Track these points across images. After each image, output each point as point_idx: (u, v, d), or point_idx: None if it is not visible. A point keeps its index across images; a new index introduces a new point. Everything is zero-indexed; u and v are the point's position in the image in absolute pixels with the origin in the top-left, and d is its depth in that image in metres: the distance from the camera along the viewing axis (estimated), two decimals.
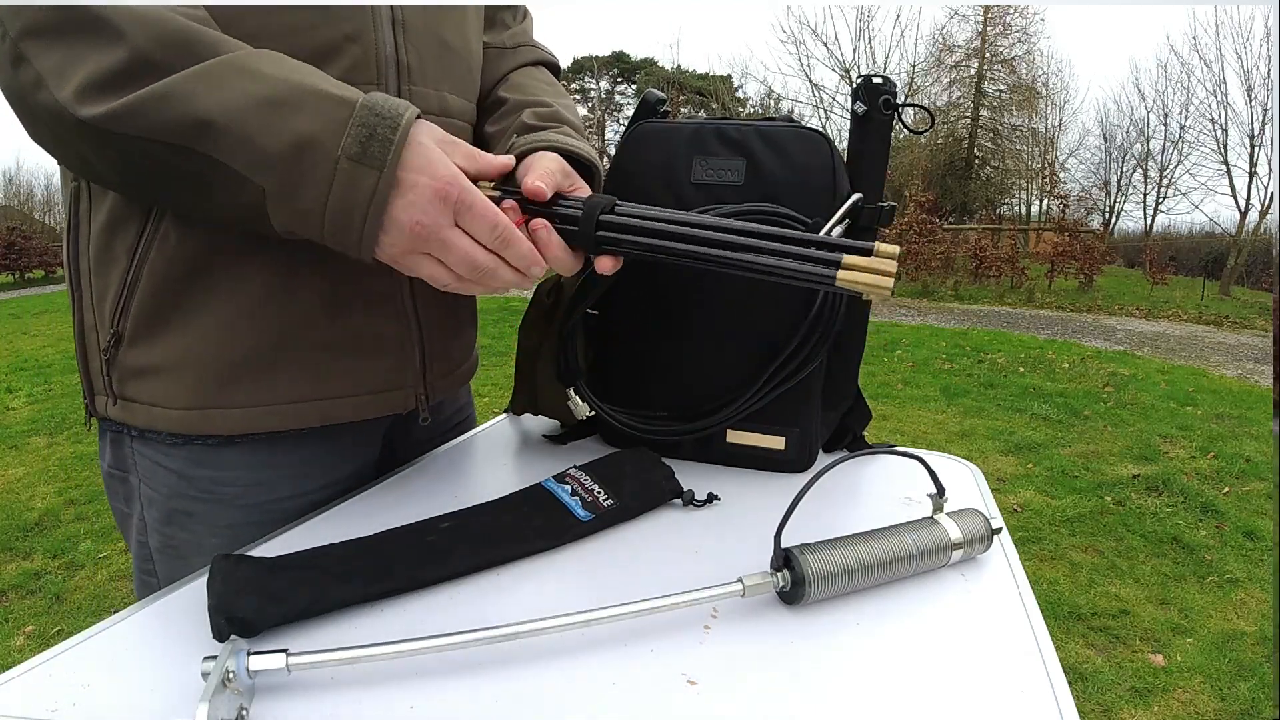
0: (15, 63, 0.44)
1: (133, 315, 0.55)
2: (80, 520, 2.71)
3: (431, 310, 0.65)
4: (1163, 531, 2.63)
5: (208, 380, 0.55)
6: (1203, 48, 18.87)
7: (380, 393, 0.62)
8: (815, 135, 0.64)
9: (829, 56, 18.11)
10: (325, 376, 0.59)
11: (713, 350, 0.66)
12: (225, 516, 0.59)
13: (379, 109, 0.45)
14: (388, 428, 0.69)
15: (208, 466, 0.58)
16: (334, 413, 0.60)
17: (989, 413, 4.14)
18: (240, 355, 0.55)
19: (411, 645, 0.37)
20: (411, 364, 0.64)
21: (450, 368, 0.70)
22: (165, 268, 0.53)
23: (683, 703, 0.37)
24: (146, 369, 0.56)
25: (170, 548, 0.60)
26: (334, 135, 0.44)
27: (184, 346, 0.55)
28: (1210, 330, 7.67)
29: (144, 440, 0.58)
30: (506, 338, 5.87)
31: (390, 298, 0.61)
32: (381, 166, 0.44)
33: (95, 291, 0.56)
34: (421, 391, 0.66)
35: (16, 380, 4.84)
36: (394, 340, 0.62)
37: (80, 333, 0.58)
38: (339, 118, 0.44)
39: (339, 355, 0.59)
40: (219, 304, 0.55)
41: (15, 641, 1.99)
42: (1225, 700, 1.75)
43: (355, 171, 0.44)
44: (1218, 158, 14.02)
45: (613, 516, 0.55)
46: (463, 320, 0.72)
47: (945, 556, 0.49)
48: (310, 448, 0.61)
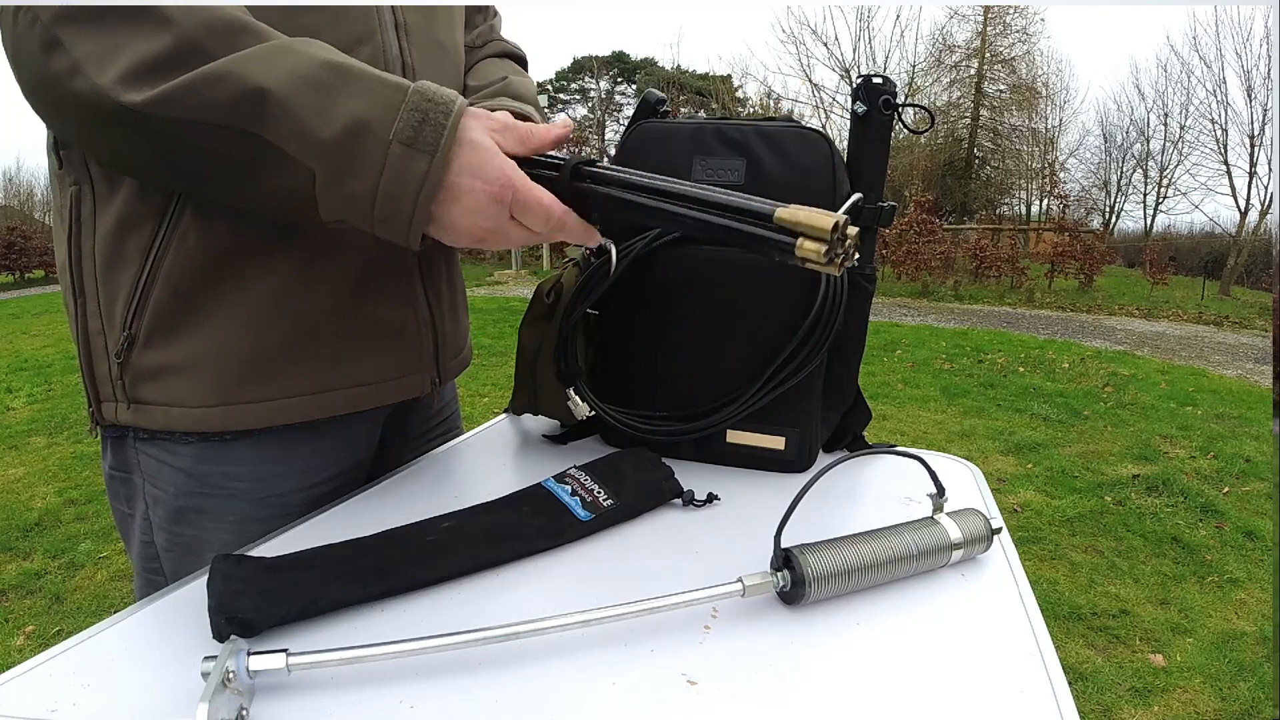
0: (48, 48, 0.43)
1: (149, 316, 0.54)
2: (80, 520, 2.71)
3: (439, 291, 0.67)
4: (1163, 531, 2.63)
5: (231, 376, 0.56)
6: (1203, 48, 18.92)
7: (399, 378, 0.64)
8: (815, 135, 0.64)
9: (829, 56, 18.11)
10: (349, 366, 0.60)
11: (713, 350, 0.66)
12: (234, 510, 0.60)
13: (431, 95, 0.45)
14: (384, 420, 0.70)
15: (217, 462, 0.58)
16: (358, 400, 0.61)
17: (989, 413, 4.14)
18: (264, 349, 0.56)
19: (411, 645, 0.37)
20: (427, 348, 0.66)
21: (457, 350, 0.73)
22: (184, 266, 0.53)
23: (683, 703, 0.37)
24: (164, 369, 0.55)
25: (178, 545, 0.60)
26: (387, 119, 0.43)
27: (204, 344, 0.55)
28: (1210, 330, 7.66)
29: (151, 441, 0.58)
30: (506, 338, 5.87)
31: (406, 287, 0.63)
32: (434, 152, 0.44)
33: (103, 295, 0.55)
34: (435, 374, 0.68)
35: (16, 380, 4.84)
36: (410, 327, 0.64)
37: (84, 339, 0.57)
38: (392, 102, 0.44)
39: (360, 344, 0.60)
40: (240, 300, 0.55)
41: (15, 641, 1.99)
42: (1225, 700, 1.75)
43: (407, 156, 0.43)
44: (1218, 158, 14.03)
45: (613, 516, 0.55)
46: (460, 300, 0.75)
47: (945, 556, 0.49)
48: (318, 439, 0.62)
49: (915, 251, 9.97)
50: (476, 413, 4.02)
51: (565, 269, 0.74)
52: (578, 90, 22.91)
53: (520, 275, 11.15)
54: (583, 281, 0.66)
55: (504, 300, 8.23)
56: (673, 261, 0.64)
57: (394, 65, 0.58)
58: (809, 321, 0.62)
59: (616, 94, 23.31)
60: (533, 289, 0.75)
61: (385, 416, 0.70)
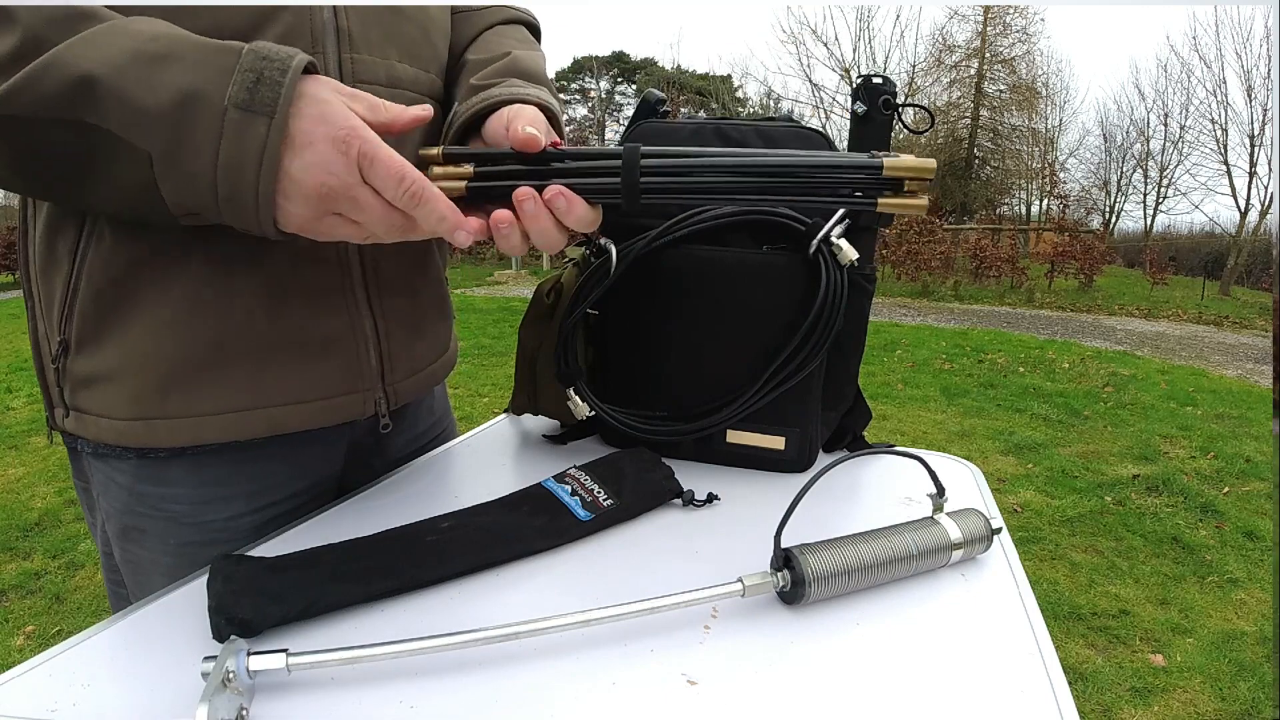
0: None
1: (77, 320, 0.52)
2: (80, 520, 2.70)
3: (392, 302, 0.60)
4: (1163, 531, 2.63)
5: (149, 388, 0.52)
6: (1203, 48, 18.92)
7: (332, 398, 0.58)
8: (815, 135, 0.64)
9: (829, 56, 18.11)
10: (270, 381, 0.55)
11: (712, 350, 0.66)
12: (176, 535, 0.57)
13: (266, 53, 0.41)
14: (356, 441, 0.66)
15: (154, 483, 0.56)
16: (283, 421, 0.56)
17: (989, 413, 4.14)
18: (179, 359, 0.52)
19: (411, 645, 0.37)
20: (367, 364, 0.59)
21: (416, 367, 0.65)
22: (103, 269, 0.51)
23: (683, 703, 0.37)
24: (94, 377, 0.53)
25: (130, 562, 0.59)
26: (219, 84, 0.40)
27: (124, 352, 0.52)
28: (1210, 330, 7.66)
29: (96, 454, 0.56)
30: (506, 338, 5.86)
31: (336, 290, 0.56)
32: (272, 113, 0.40)
33: (43, 297, 0.54)
34: (380, 395, 0.61)
35: (16, 380, 4.84)
36: (343, 338, 0.58)
37: (35, 342, 0.56)
38: (224, 66, 0.40)
39: (283, 357, 0.55)
40: (155, 305, 0.51)
41: (15, 641, 1.99)
42: (1225, 700, 1.75)
43: (244, 120, 0.40)
44: (1218, 158, 14.04)
45: (613, 516, 0.55)
46: (430, 313, 0.67)
47: (945, 556, 0.49)
48: (262, 462, 0.58)
49: (915, 251, 9.97)
50: (476, 413, 4.02)
51: (565, 269, 0.74)
52: (578, 90, 22.91)
53: (520, 275, 11.16)
54: (583, 281, 0.66)
55: (504, 300, 8.23)
56: (672, 262, 0.64)
57: (324, 31, 0.51)
58: (809, 321, 0.62)
59: (616, 94, 23.33)
60: (533, 289, 0.75)
61: (346, 439, 0.65)
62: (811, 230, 0.61)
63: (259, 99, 0.40)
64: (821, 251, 0.61)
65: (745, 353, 0.65)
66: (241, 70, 0.40)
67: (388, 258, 0.60)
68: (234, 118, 0.39)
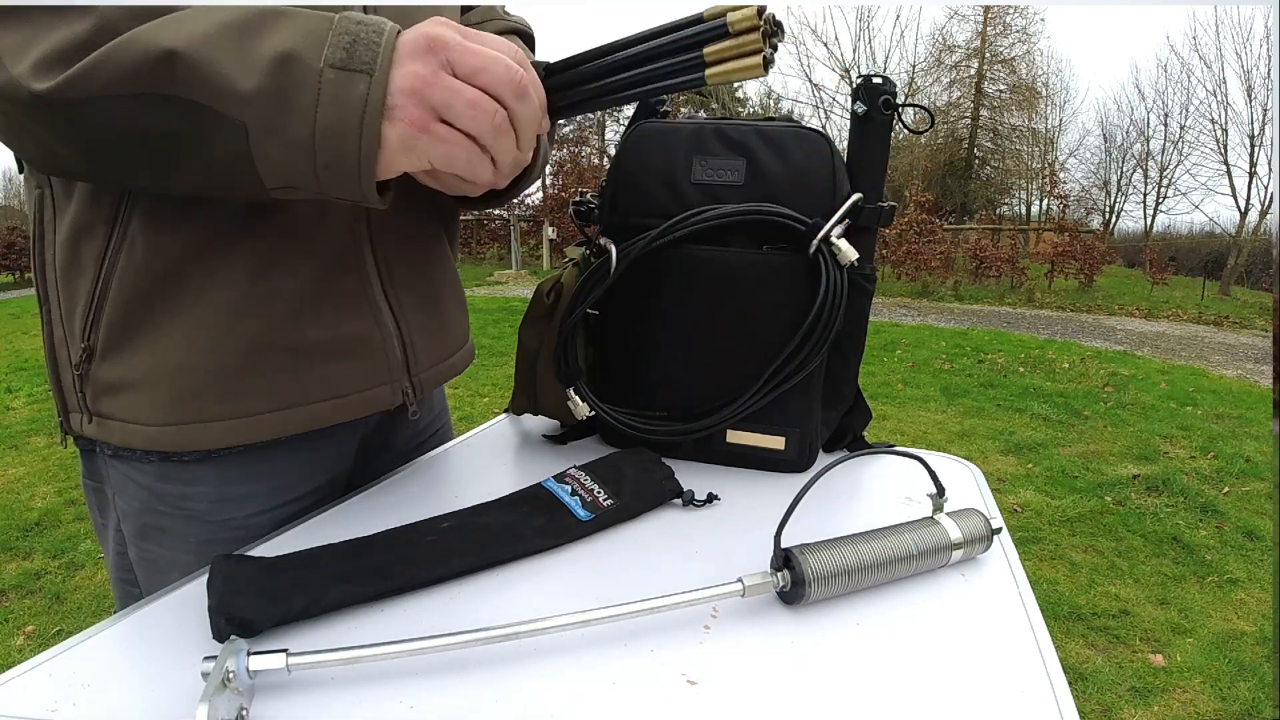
0: None
1: (104, 328, 0.52)
2: (80, 520, 2.70)
3: (409, 299, 0.63)
4: (1163, 531, 2.63)
5: (184, 393, 0.53)
6: (1203, 48, 18.93)
7: (363, 391, 0.60)
8: (815, 135, 0.64)
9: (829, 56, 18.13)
10: (307, 381, 0.56)
11: (712, 350, 0.66)
12: (196, 532, 0.58)
13: (359, 19, 0.41)
14: (364, 439, 0.68)
15: (177, 482, 0.57)
16: (321, 416, 0.58)
17: (989, 413, 4.14)
18: (217, 367, 0.53)
19: (411, 645, 0.37)
20: (393, 359, 0.62)
21: (438, 357, 0.68)
22: (134, 276, 0.51)
23: (683, 703, 0.37)
24: (120, 384, 0.53)
25: (145, 561, 0.59)
26: (315, 46, 0.39)
27: (157, 359, 0.52)
28: (1210, 330, 7.67)
29: (116, 455, 0.57)
30: (506, 338, 5.87)
31: (362, 294, 0.59)
32: (373, 70, 0.39)
33: (64, 304, 0.54)
34: (407, 385, 0.63)
35: (16, 380, 4.84)
36: (373, 338, 0.60)
37: (51, 348, 0.56)
38: (318, 29, 0.40)
39: (316, 358, 0.57)
40: (190, 312, 0.52)
41: (15, 641, 1.99)
42: (1225, 700, 1.75)
43: (342, 79, 0.39)
44: (1218, 158, 14.05)
45: (613, 516, 0.55)
46: (447, 307, 0.70)
47: (945, 556, 0.49)
48: (280, 460, 0.60)
49: (915, 251, 9.98)
50: (476, 413, 4.02)
51: (565, 269, 0.74)
52: None
53: (520, 275, 11.16)
54: (583, 281, 0.66)
55: (504, 300, 8.23)
56: (672, 261, 0.64)
57: None
58: (809, 321, 0.62)
59: None
60: (533, 289, 0.75)
61: (359, 435, 0.67)
62: (811, 230, 0.61)
63: (356, 57, 0.39)
64: (821, 251, 0.61)
65: (745, 353, 0.65)
66: (337, 32, 0.40)
67: (401, 263, 0.62)
68: (331, 77, 0.39)
